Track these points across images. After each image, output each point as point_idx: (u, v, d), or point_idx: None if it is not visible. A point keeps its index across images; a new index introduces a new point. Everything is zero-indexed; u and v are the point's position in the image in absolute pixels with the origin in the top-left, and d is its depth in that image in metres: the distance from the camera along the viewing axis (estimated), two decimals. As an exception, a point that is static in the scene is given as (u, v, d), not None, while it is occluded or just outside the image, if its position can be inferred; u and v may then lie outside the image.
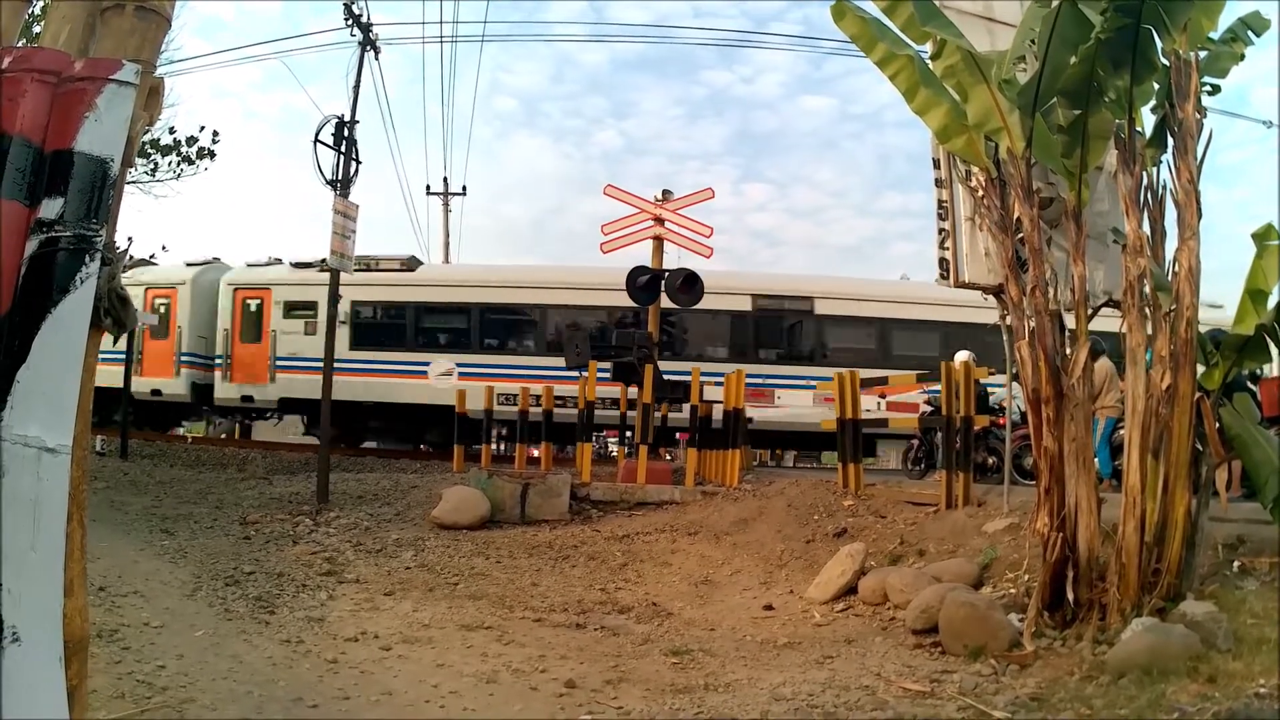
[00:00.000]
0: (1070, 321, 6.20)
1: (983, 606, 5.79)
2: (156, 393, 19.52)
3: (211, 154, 15.07)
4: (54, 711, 2.11)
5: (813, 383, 16.35)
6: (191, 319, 19.64)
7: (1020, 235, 6.30)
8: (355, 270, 18.65)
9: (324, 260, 19.03)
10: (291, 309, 19.10)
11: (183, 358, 19.54)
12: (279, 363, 18.87)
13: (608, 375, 13.91)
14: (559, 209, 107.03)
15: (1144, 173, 6.04)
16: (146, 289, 19.56)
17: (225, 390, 19.31)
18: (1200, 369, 5.77)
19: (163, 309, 19.46)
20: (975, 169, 6.78)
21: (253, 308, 19.33)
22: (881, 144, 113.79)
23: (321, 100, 72.23)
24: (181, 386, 19.56)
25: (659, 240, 15.14)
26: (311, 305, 18.56)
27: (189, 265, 20.44)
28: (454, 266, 20.96)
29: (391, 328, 19.20)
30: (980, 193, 6.77)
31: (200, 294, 19.92)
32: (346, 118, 13.35)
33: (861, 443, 11.46)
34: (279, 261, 20.01)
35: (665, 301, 15.28)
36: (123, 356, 16.41)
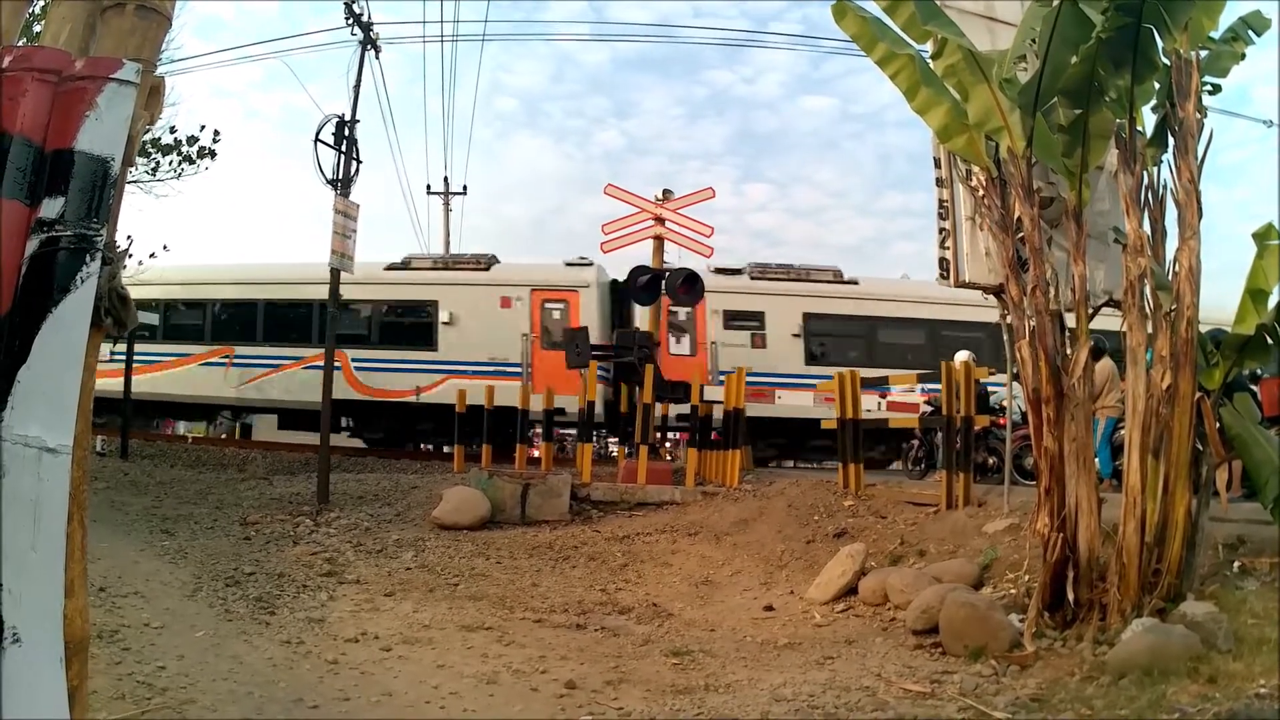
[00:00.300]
0: (1071, 321, 6.20)
1: (983, 607, 5.79)
2: (559, 412, 16.18)
3: (212, 153, 15.01)
4: (55, 712, 2.11)
5: None
6: (600, 326, 17.21)
7: (1021, 235, 6.30)
8: (788, 280, 17.69)
9: (749, 266, 17.86)
10: (733, 319, 17.36)
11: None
12: (722, 377, 16.09)
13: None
14: (560, 209, 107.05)
15: (1145, 172, 6.04)
16: (532, 290, 17.40)
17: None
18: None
19: (556, 314, 17.35)
20: (976, 168, 6.78)
21: (681, 317, 17.37)
22: (882, 144, 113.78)
23: (322, 100, 72.30)
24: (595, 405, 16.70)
25: (659, 240, 15.12)
26: (757, 316, 17.37)
27: (570, 265, 18.02)
28: (897, 282, 19.17)
29: (842, 342, 17.76)
30: (981, 192, 6.77)
31: (605, 297, 17.74)
32: (347, 117, 13.34)
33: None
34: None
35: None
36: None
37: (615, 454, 15.27)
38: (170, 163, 14.66)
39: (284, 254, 19.16)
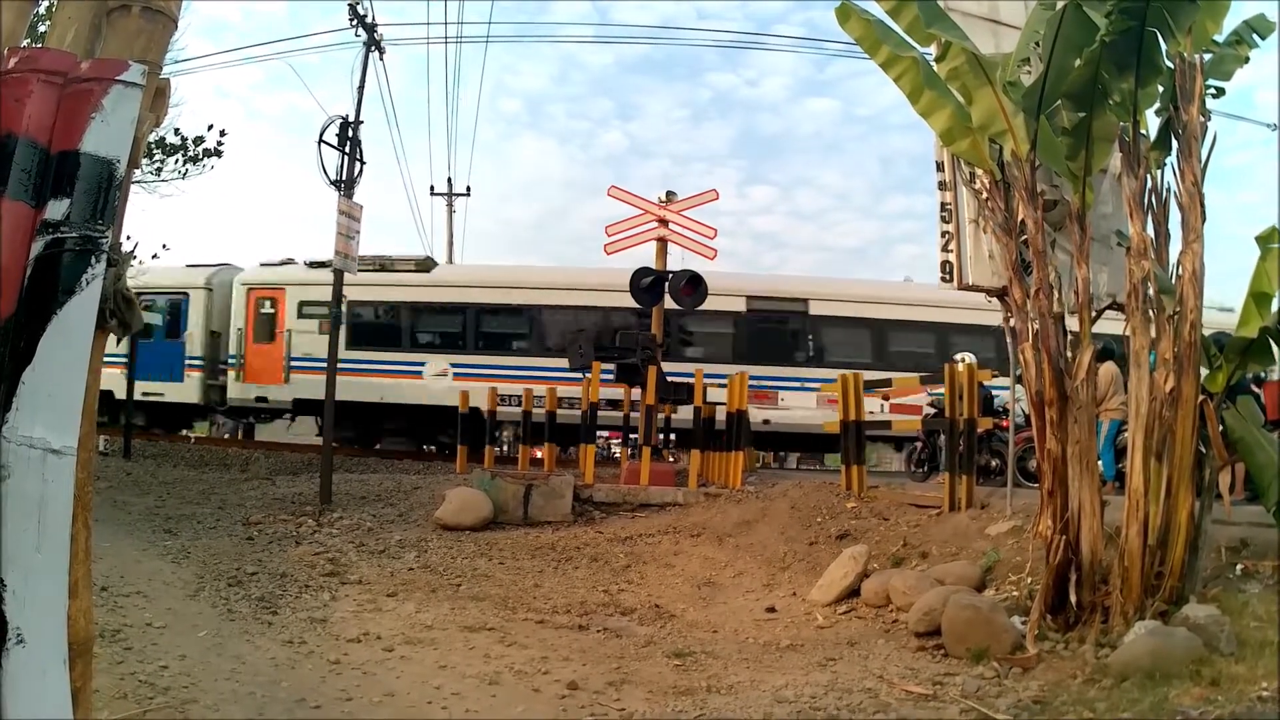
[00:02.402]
0: (1074, 324, 6.19)
1: (985, 609, 5.79)
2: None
3: (218, 153, 15.01)
4: (58, 712, 2.11)
5: None
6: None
7: (1024, 238, 6.30)
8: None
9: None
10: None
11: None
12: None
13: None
14: (564, 211, 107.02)
15: (1148, 175, 6.04)
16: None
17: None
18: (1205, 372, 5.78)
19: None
20: (979, 171, 6.78)
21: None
22: (885, 146, 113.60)
23: (326, 101, 72.12)
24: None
25: (663, 242, 15.11)
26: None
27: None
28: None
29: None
30: (984, 195, 6.76)
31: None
32: (351, 118, 13.34)
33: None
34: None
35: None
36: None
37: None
38: (175, 163, 14.67)
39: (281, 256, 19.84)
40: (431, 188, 28.08)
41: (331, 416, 13.03)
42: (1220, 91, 6.31)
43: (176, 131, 14.54)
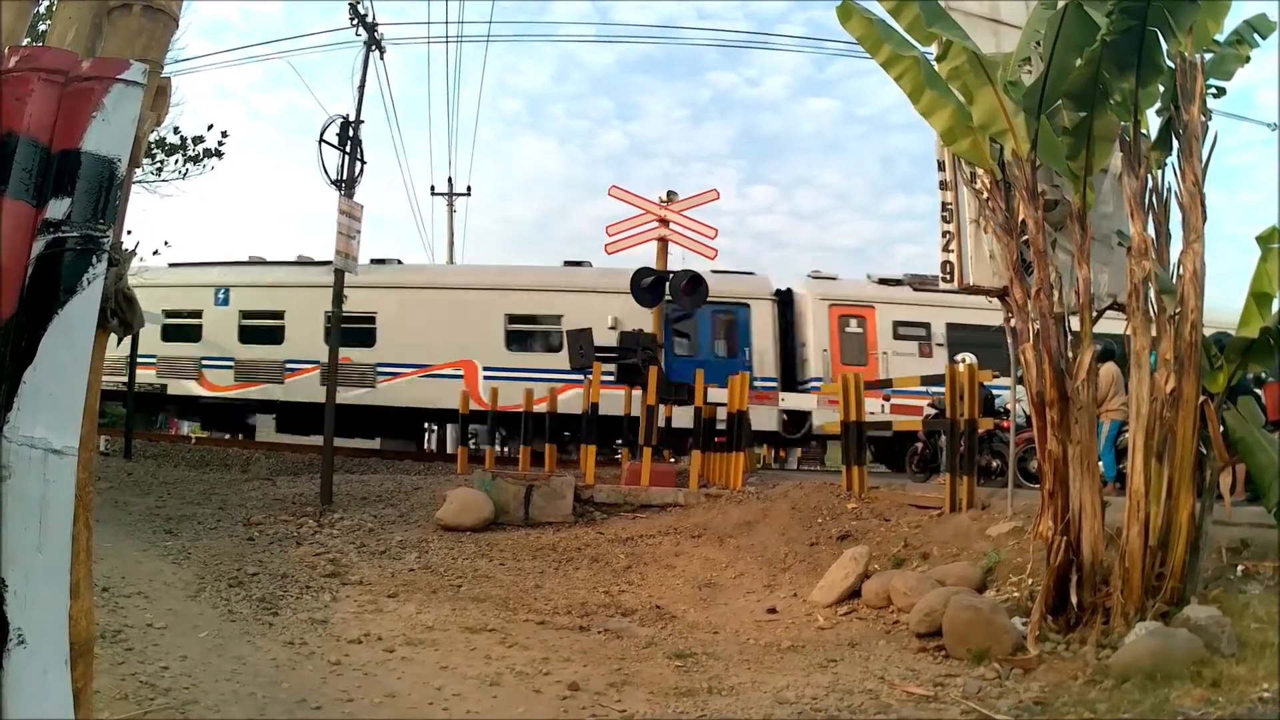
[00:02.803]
0: (1075, 324, 6.19)
1: (986, 610, 5.79)
2: None
3: (219, 154, 14.99)
4: (60, 713, 2.11)
5: None
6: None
7: (1025, 238, 6.29)
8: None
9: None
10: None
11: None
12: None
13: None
14: (564, 211, 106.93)
15: (1149, 175, 6.04)
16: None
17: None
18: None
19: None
20: (980, 171, 6.78)
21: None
22: (886, 146, 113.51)
23: (327, 100, 72.11)
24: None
25: (663, 242, 15.11)
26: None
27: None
28: None
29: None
30: (985, 195, 6.76)
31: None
32: (351, 118, 13.33)
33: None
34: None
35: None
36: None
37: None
38: (175, 162, 14.67)
39: (285, 255, 19.29)
40: (432, 187, 28.15)
41: (332, 417, 13.01)
42: (1221, 91, 6.32)
43: (176, 131, 14.55)
